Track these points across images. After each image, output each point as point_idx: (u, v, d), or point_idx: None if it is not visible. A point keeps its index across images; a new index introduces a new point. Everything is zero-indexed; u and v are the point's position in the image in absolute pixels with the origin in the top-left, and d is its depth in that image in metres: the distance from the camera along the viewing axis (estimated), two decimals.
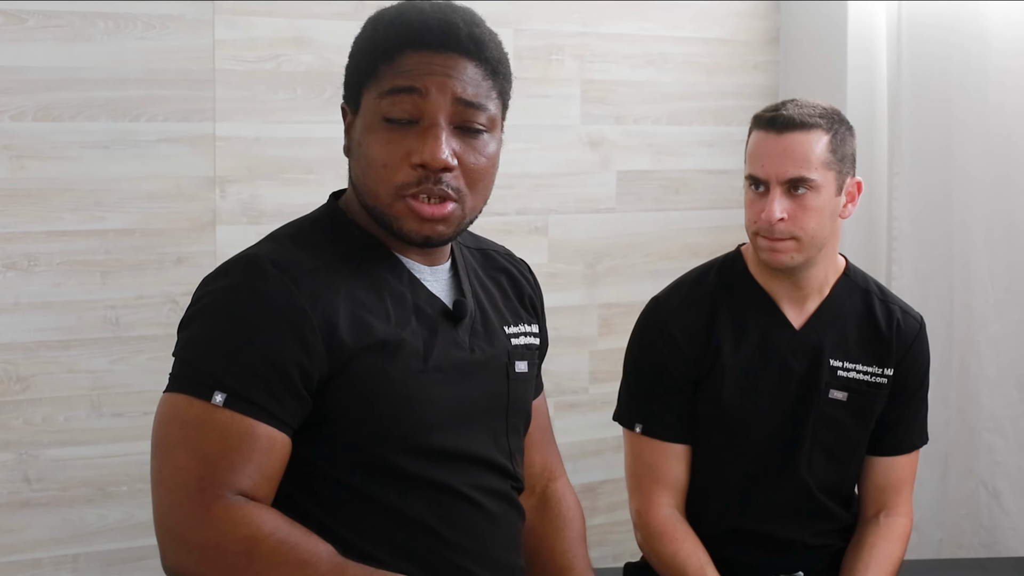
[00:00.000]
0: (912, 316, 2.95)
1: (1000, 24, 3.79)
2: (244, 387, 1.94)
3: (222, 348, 1.97)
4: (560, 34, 3.92)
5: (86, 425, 3.32)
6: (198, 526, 1.89)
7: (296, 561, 1.88)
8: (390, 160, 2.03)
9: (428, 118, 2.03)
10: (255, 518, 1.89)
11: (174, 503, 1.91)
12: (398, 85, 2.03)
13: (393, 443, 2.05)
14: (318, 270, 2.04)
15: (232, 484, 1.91)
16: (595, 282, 4.03)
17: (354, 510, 2.04)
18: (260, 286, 1.99)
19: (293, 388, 1.97)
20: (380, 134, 2.05)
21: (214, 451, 1.92)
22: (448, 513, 2.10)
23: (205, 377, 1.95)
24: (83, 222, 3.28)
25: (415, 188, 2.03)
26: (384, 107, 2.04)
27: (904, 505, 2.95)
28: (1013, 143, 3.79)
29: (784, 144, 2.74)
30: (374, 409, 2.03)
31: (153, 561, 3.42)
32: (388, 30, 2.07)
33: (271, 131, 3.48)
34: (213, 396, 1.93)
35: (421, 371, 2.08)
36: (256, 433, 1.94)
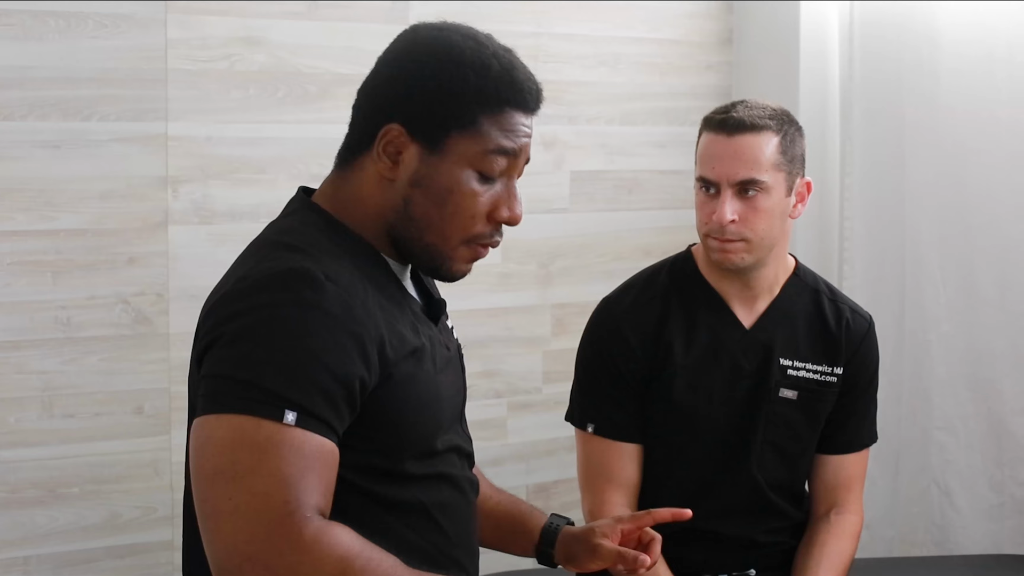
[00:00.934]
0: (861, 315, 2.97)
1: (952, 25, 3.81)
2: (313, 404, 1.89)
3: (287, 364, 1.89)
4: (513, 34, 3.86)
5: (37, 426, 3.30)
6: (291, 552, 1.83)
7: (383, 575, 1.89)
8: (479, 213, 2.08)
9: (510, 175, 2.12)
10: (345, 539, 1.87)
11: (258, 531, 1.83)
12: (506, 147, 2.08)
13: (416, 446, 2.07)
14: (357, 281, 2.01)
15: (314, 505, 1.87)
16: (548, 282, 4.03)
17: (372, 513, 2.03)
18: (317, 299, 1.93)
19: (353, 402, 1.95)
20: (474, 186, 2.07)
21: (293, 473, 1.85)
22: (449, 506, 2.14)
23: (272, 396, 1.87)
24: (34, 222, 3.26)
25: (488, 240, 2.11)
26: (486, 164, 2.07)
27: (855, 503, 2.96)
28: (964, 144, 3.81)
29: (734, 146, 2.74)
30: (404, 415, 2.03)
31: (104, 563, 3.41)
32: (498, 80, 2.09)
33: (223, 131, 3.47)
34: (285, 416, 1.87)
35: (436, 373, 2.11)
36: (324, 449, 1.90)
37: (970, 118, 3.79)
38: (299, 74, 3.54)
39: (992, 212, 3.77)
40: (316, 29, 3.57)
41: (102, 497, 3.39)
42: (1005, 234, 3.75)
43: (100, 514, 3.40)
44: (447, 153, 2.06)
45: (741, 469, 2.87)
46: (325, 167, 3.58)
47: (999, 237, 3.76)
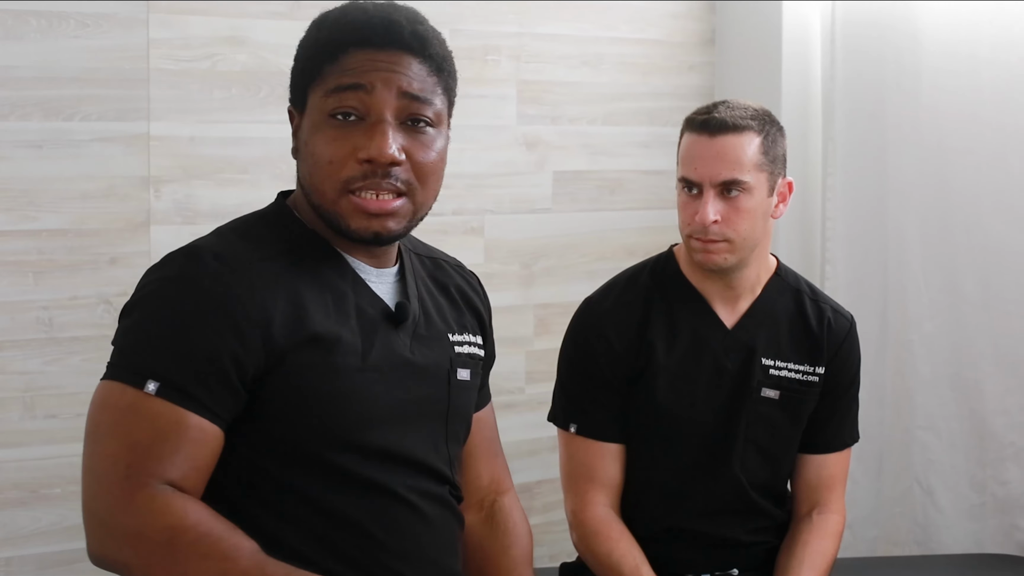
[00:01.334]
0: (843, 315, 2.98)
1: (933, 25, 3.81)
2: (177, 377, 1.94)
3: (157, 337, 1.97)
4: (496, 34, 3.92)
5: (19, 427, 3.30)
6: (122, 513, 1.89)
7: (218, 554, 1.89)
8: (336, 156, 2.04)
9: (374, 114, 2.04)
10: (179, 508, 1.89)
11: (100, 490, 1.92)
12: (343, 83, 2.04)
13: (328, 440, 2.05)
14: (258, 263, 2.04)
15: (159, 473, 1.91)
16: (531, 282, 4.03)
17: (287, 506, 2.03)
18: (198, 276, 1.99)
19: (227, 380, 1.97)
20: (326, 132, 2.05)
21: (143, 439, 1.92)
22: (382, 514, 2.09)
23: (139, 366, 1.95)
24: (16, 222, 3.25)
25: (361, 183, 2.04)
26: (330, 105, 2.05)
27: (837, 502, 2.97)
28: (946, 143, 3.81)
29: (717, 147, 2.75)
30: (310, 405, 2.03)
31: (86, 564, 3.39)
32: (332, 30, 2.09)
33: (206, 131, 3.47)
34: (146, 385, 1.93)
35: (358, 369, 2.07)
36: (187, 423, 1.94)
37: (952, 118, 3.80)
38: (282, 74, 3.48)
39: (975, 212, 3.78)
40: (299, 29, 3.50)
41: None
42: (988, 234, 3.75)
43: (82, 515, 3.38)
44: (308, 112, 2.09)
45: (723, 469, 2.87)
46: None
47: (982, 237, 3.77)
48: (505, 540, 2.41)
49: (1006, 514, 3.78)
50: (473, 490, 2.41)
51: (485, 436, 2.46)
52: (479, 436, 2.42)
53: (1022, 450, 3.74)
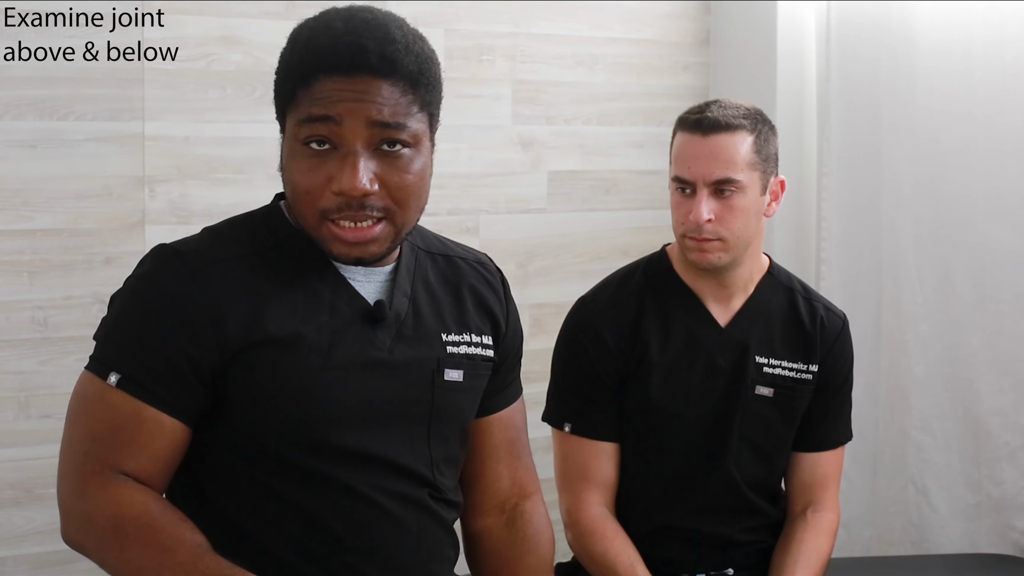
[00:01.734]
0: (835, 313, 2.99)
1: (928, 25, 3.81)
2: (135, 370, 2.00)
3: (121, 332, 2.04)
4: (491, 34, 3.92)
5: (14, 427, 3.30)
6: (77, 498, 1.98)
7: (158, 545, 1.93)
8: (312, 187, 2.02)
9: (345, 146, 2.01)
10: (125, 497, 1.95)
11: (63, 474, 2.01)
12: (313, 114, 2.01)
13: (289, 438, 2.05)
14: (221, 262, 2.06)
15: (114, 462, 1.98)
16: (526, 282, 4.03)
17: (255, 501, 2.05)
18: (157, 274, 2.05)
19: (181, 376, 2.01)
20: (300, 161, 2.03)
21: (101, 428, 1.99)
22: (346, 513, 2.09)
23: (105, 358, 2.03)
24: (10, 222, 3.26)
25: (336, 214, 2.03)
26: (303, 133, 2.03)
27: (831, 500, 2.97)
28: (941, 143, 3.81)
29: (710, 146, 2.75)
30: (268, 403, 2.04)
31: (82, 564, 3.39)
32: (302, 54, 2.05)
33: (200, 130, 3.47)
34: (109, 376, 2.00)
35: (321, 367, 2.07)
36: (143, 416, 1.99)
37: (947, 118, 3.80)
38: None
39: (969, 212, 3.78)
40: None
41: None
42: (982, 234, 3.76)
43: None
44: (286, 135, 2.09)
45: (718, 466, 2.87)
46: None
47: (976, 237, 3.77)
48: (523, 547, 2.39)
49: (1001, 514, 3.78)
50: (492, 493, 2.39)
51: (507, 437, 2.41)
52: (499, 436, 2.39)
53: (1017, 450, 3.74)
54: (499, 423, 2.39)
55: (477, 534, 2.40)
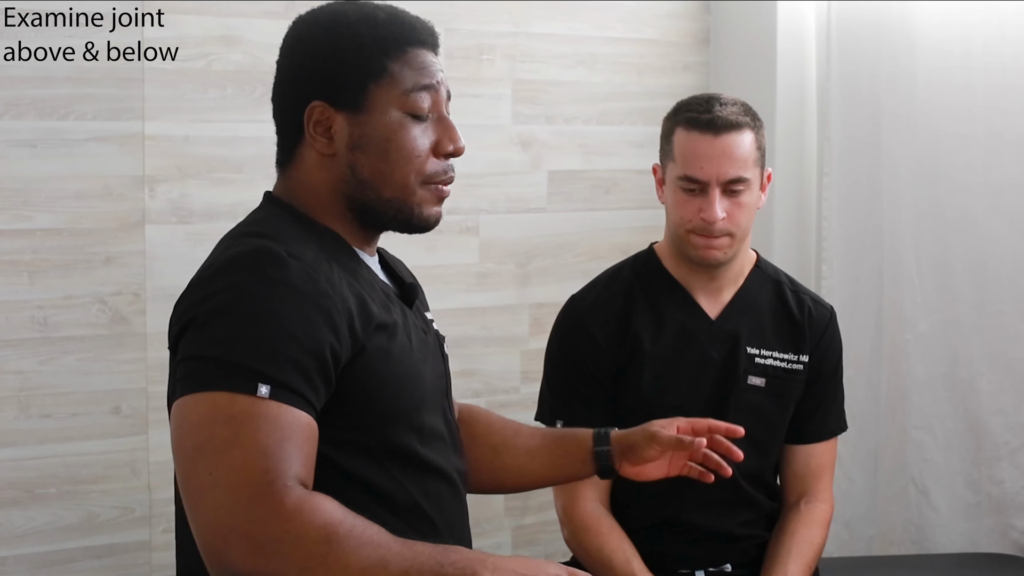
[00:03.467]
0: (823, 305, 3.04)
1: (928, 24, 3.81)
2: (286, 376, 1.93)
3: (258, 339, 1.94)
4: (491, 34, 3.92)
5: (13, 427, 3.29)
6: (274, 520, 1.85)
7: (371, 543, 1.88)
8: (423, 151, 2.16)
9: (437, 111, 2.18)
10: (327, 507, 1.88)
11: (239, 502, 1.86)
12: (422, 83, 2.15)
13: (394, 422, 2.09)
14: (320, 259, 2.07)
15: (294, 474, 1.89)
16: (526, 282, 4.03)
17: (349, 494, 2.03)
18: (284, 274, 1.99)
19: (326, 373, 1.99)
20: (411, 128, 2.15)
21: (271, 444, 1.89)
22: (433, 494, 2.15)
23: (244, 371, 1.91)
24: (10, 221, 3.25)
25: (443, 176, 2.20)
26: (411, 103, 2.14)
27: (824, 491, 3.00)
28: (941, 143, 3.81)
29: (721, 146, 2.79)
30: (382, 389, 2.07)
31: (81, 563, 3.40)
32: (391, 29, 2.15)
33: (200, 130, 3.46)
34: (258, 389, 1.91)
35: (410, 351, 2.14)
36: (301, 421, 1.93)
37: (947, 116, 3.80)
38: None
39: (969, 211, 3.78)
40: None
41: (79, 497, 3.38)
42: (982, 233, 3.76)
43: (77, 514, 3.39)
44: (372, 107, 2.14)
45: None
46: None
47: (976, 237, 3.77)
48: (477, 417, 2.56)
49: (1001, 513, 3.78)
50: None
51: None
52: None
53: (1017, 449, 3.74)
54: None
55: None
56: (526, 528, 4.07)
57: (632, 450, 2.44)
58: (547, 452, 2.50)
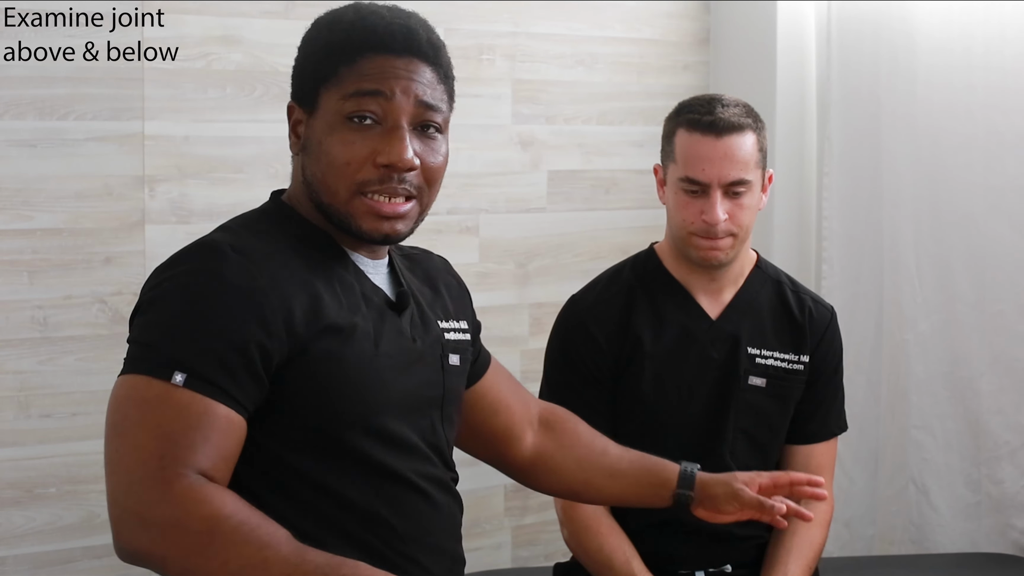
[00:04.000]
0: (823, 305, 3.03)
1: (928, 24, 3.81)
2: (203, 367, 1.94)
3: (182, 329, 1.97)
4: (491, 34, 3.92)
5: (13, 427, 3.29)
6: (159, 504, 1.87)
7: (257, 542, 1.87)
8: (353, 159, 2.08)
9: (391, 120, 2.09)
10: (216, 498, 1.88)
11: (133, 482, 1.89)
12: (363, 88, 2.08)
13: (346, 428, 2.07)
14: (273, 255, 2.06)
15: (193, 463, 1.90)
16: (526, 281, 4.03)
17: (305, 495, 2.05)
18: (220, 268, 2.00)
19: (253, 369, 1.98)
20: (343, 134, 2.09)
21: (174, 430, 1.91)
22: (396, 501, 2.12)
23: (164, 358, 1.94)
24: (10, 221, 3.25)
25: (376, 187, 2.09)
26: (348, 108, 2.09)
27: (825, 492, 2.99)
28: (941, 143, 3.81)
29: (724, 148, 2.79)
30: (330, 392, 2.05)
31: (82, 563, 3.40)
32: (350, 32, 2.12)
33: (200, 130, 3.46)
34: (173, 376, 1.93)
35: (373, 356, 2.11)
36: (215, 413, 1.94)
37: (947, 117, 3.80)
38: (276, 73, 3.53)
39: (969, 211, 3.78)
40: (293, 28, 3.51)
41: (79, 497, 3.38)
42: (982, 233, 3.76)
43: (77, 514, 3.39)
44: (319, 110, 2.13)
45: (714, 458, 2.89)
46: None
47: (976, 236, 3.77)
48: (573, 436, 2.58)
49: (1001, 513, 3.78)
50: (520, 421, 2.54)
51: (506, 376, 2.57)
52: (504, 381, 2.55)
53: (1017, 449, 3.74)
54: (496, 373, 2.53)
55: (532, 456, 2.55)
56: (526, 528, 4.07)
57: (712, 500, 2.47)
58: (630, 478, 2.54)
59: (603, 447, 2.56)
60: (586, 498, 2.62)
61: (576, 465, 2.54)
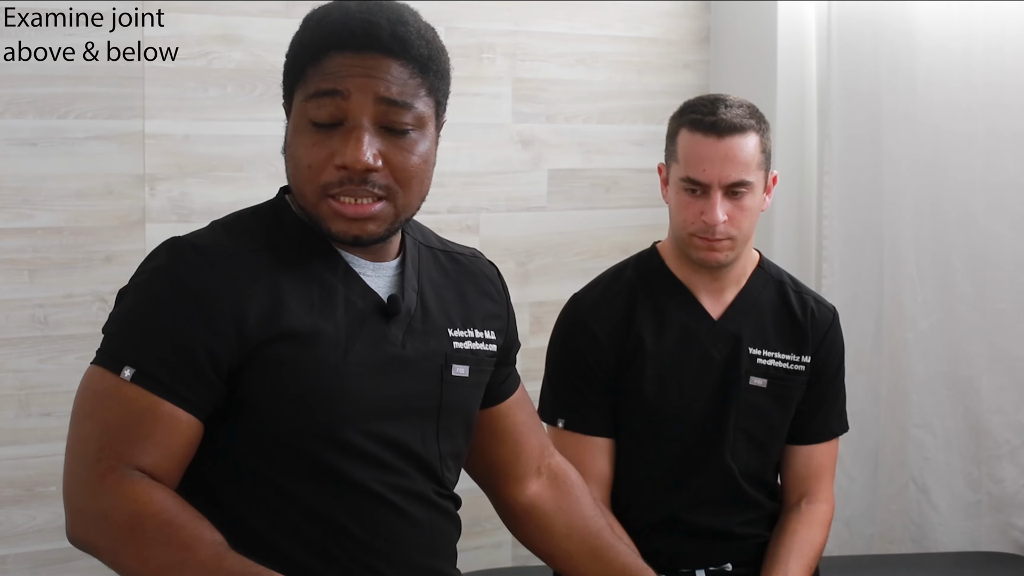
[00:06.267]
0: (825, 306, 3.02)
1: (928, 23, 3.81)
2: (151, 365, 1.96)
3: (136, 326, 2.00)
4: (491, 33, 3.92)
5: (14, 425, 3.30)
6: (90, 495, 1.92)
7: (177, 543, 1.88)
8: (315, 161, 2.04)
9: (351, 120, 2.03)
10: (144, 494, 1.90)
11: (74, 471, 1.95)
12: (321, 88, 2.04)
13: (307, 435, 2.05)
14: (238, 256, 2.05)
15: (129, 458, 1.93)
16: (526, 280, 4.03)
17: (267, 500, 2.04)
18: (175, 268, 2.02)
19: (200, 371, 1.98)
20: (306, 136, 2.05)
21: (115, 423, 1.94)
22: (361, 512, 2.09)
23: (118, 352, 1.98)
24: (11, 220, 3.26)
25: (337, 188, 2.04)
26: (310, 110, 2.05)
27: (825, 492, 2.99)
28: (941, 141, 3.81)
29: (724, 149, 2.77)
30: (287, 399, 2.03)
31: (83, 562, 3.40)
32: (314, 32, 2.09)
33: (201, 129, 3.47)
34: (123, 371, 1.96)
35: (339, 363, 2.07)
36: (159, 411, 1.95)
37: (947, 115, 3.80)
38: (277, 72, 3.46)
39: (969, 210, 3.78)
40: (294, 27, 3.53)
41: None
42: (982, 232, 3.76)
43: None
44: (292, 114, 2.11)
45: (715, 458, 2.89)
46: None
47: (976, 235, 3.77)
48: (574, 493, 2.49)
49: (1001, 512, 3.78)
50: (527, 462, 2.46)
51: (528, 412, 2.50)
52: (522, 414, 2.47)
53: (1017, 448, 3.74)
54: (517, 403, 2.46)
55: (527, 503, 2.46)
56: None
57: None
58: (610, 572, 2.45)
59: (598, 528, 2.46)
60: (556, 566, 2.49)
61: (566, 532, 2.45)
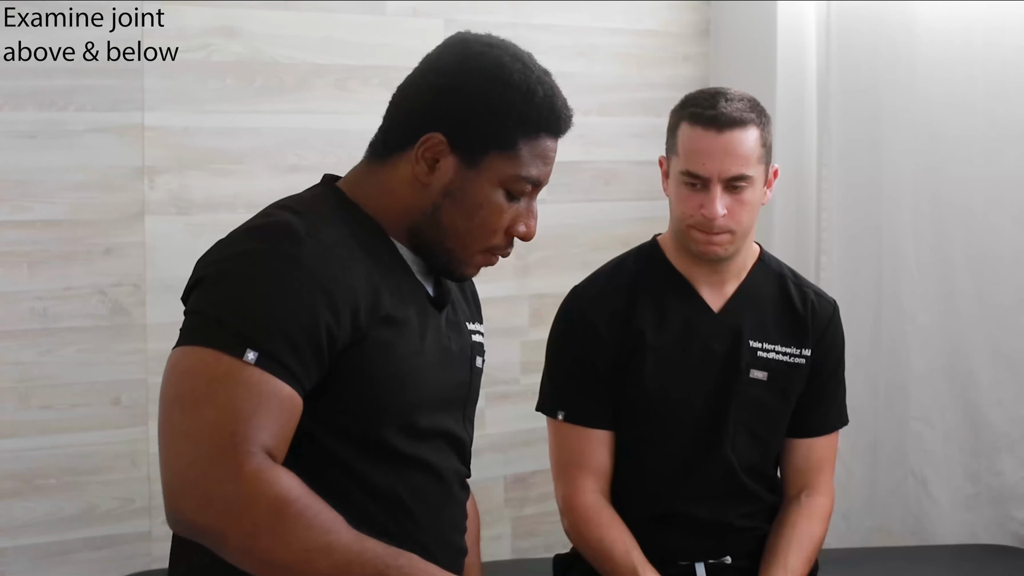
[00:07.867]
0: (826, 299, 3.02)
1: (928, 17, 3.81)
2: (275, 347, 1.95)
3: (256, 307, 1.98)
4: (491, 25, 3.85)
5: (13, 418, 3.29)
6: (228, 481, 1.88)
7: (320, 527, 1.90)
8: (501, 228, 2.20)
9: (528, 198, 2.22)
10: (284, 480, 1.90)
11: (200, 456, 1.89)
12: (533, 176, 2.19)
13: (384, 418, 2.10)
14: (340, 242, 2.09)
15: (261, 442, 1.92)
16: (526, 273, 4.03)
17: (332, 479, 2.06)
18: (296, 250, 2.02)
19: (319, 352, 2.00)
20: (502, 203, 2.18)
21: (246, 408, 1.92)
22: (421, 491, 2.16)
23: (236, 334, 1.95)
24: (10, 213, 3.25)
25: (501, 251, 2.24)
26: (517, 186, 2.18)
27: (825, 485, 2.99)
28: (940, 135, 3.81)
29: (724, 142, 2.77)
30: (377, 382, 2.08)
31: (81, 554, 3.40)
32: (540, 106, 2.18)
33: (200, 121, 3.46)
34: (245, 353, 1.94)
35: (417, 352, 2.14)
36: (282, 394, 1.96)
37: (946, 109, 3.80)
38: (276, 64, 3.53)
39: (968, 204, 3.78)
40: (293, 20, 3.56)
41: (79, 488, 3.39)
42: (981, 225, 3.76)
43: (77, 505, 3.39)
44: (483, 170, 2.16)
45: (715, 451, 2.89)
46: (303, 157, 3.56)
47: (975, 229, 3.78)
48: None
49: (1000, 504, 3.78)
50: None
51: None
52: None
53: (1016, 441, 3.74)
54: None
55: None
56: (526, 519, 4.08)
57: None
58: None
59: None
60: None
61: None
